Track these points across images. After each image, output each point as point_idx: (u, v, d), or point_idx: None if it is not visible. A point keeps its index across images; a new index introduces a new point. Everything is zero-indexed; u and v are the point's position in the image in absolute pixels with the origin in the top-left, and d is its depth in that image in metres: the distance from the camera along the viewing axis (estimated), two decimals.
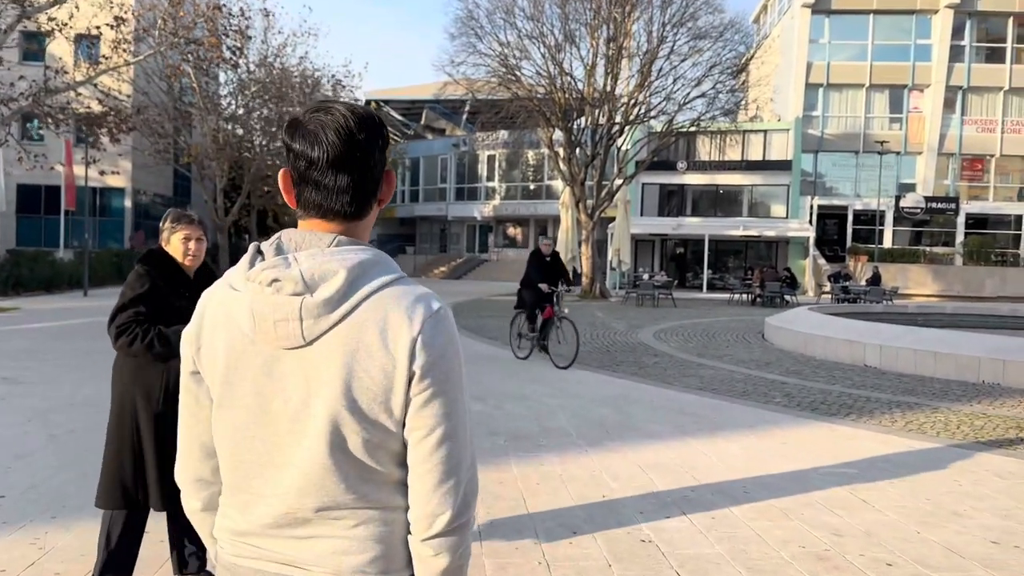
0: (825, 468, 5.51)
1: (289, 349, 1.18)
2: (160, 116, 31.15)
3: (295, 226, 1.27)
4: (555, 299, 10.51)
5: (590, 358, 11.11)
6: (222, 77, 36.81)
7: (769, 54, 39.18)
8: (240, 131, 37.40)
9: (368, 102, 48.90)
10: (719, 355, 11.84)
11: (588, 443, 6.03)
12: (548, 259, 10.85)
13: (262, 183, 36.31)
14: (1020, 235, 36.21)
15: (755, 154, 36.28)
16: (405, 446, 1.20)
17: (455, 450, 1.19)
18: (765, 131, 36.22)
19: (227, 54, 26.83)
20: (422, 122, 49.71)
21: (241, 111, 36.52)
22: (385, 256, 1.24)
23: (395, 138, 51.10)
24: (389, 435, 1.18)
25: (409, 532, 1.22)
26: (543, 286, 10.45)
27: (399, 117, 50.25)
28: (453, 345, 1.21)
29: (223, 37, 24.88)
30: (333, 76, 37.51)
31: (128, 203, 34.61)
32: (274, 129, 36.05)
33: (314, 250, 1.19)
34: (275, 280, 1.17)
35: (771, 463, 5.61)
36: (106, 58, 22.73)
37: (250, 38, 30.65)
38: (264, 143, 37.09)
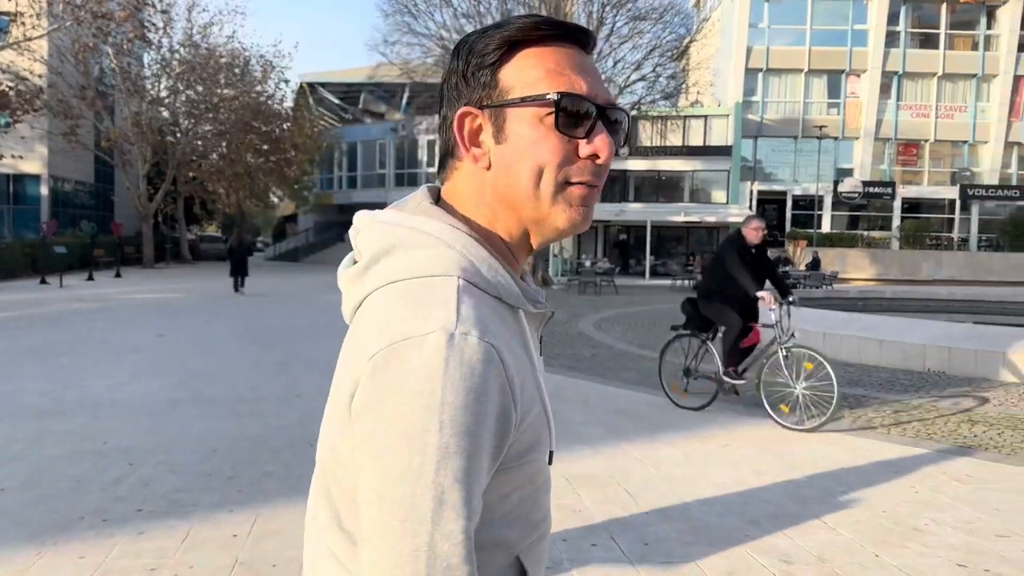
0: (771, 475, 4.99)
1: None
2: (75, 97, 29.41)
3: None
4: (780, 316, 6.50)
5: None
6: (146, 58, 35.12)
7: (710, 38, 39.11)
8: (165, 114, 35.79)
9: (303, 85, 47.49)
10: (660, 345, 11.34)
11: None
12: (754, 251, 6.88)
13: (187, 168, 34.81)
14: (954, 219, 36.92)
15: (696, 139, 36.18)
16: None
17: (385, 554, 0.76)
18: (705, 116, 36.13)
19: (143, 31, 25.37)
20: (360, 106, 48.44)
21: (165, 93, 34.90)
22: (441, 236, 0.87)
23: (332, 122, 49.82)
24: (356, 488, 0.83)
25: None
26: (764, 295, 6.44)
27: (336, 100, 48.92)
28: (414, 392, 0.76)
29: (136, 11, 23.44)
30: (262, 56, 36.05)
31: (45, 190, 32.73)
32: (199, 112, 34.55)
33: (388, 211, 0.93)
34: (352, 241, 0.95)
35: (712, 471, 5.06)
36: (5, 33, 21.20)
37: (166, 12, 29.12)
38: (190, 126, 35.54)
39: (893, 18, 35.88)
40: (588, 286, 23.62)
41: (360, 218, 0.94)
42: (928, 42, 36.58)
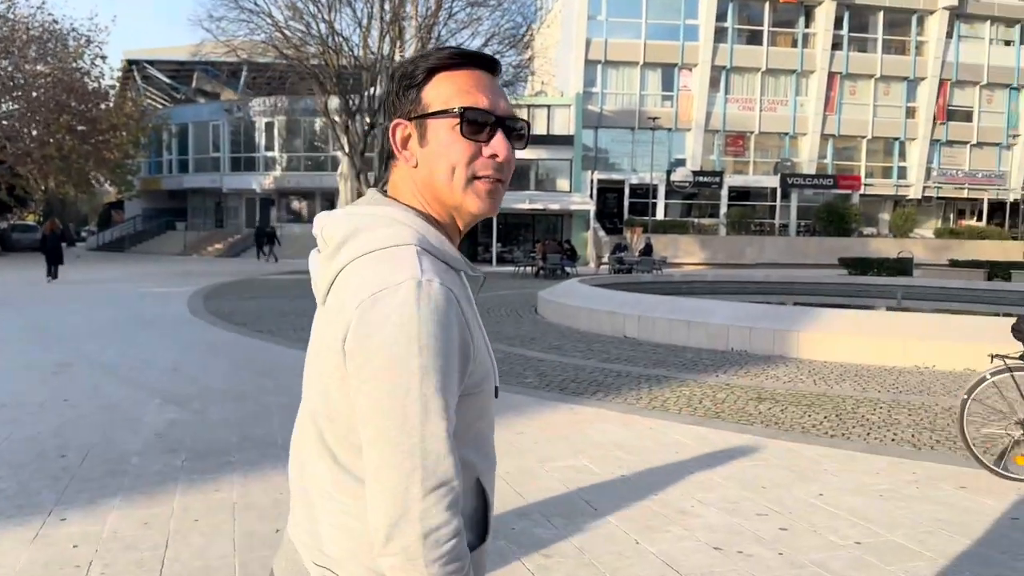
0: (556, 462, 4.91)
1: (322, 306, 1.15)
2: None
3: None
4: None
5: None
6: None
7: (552, 29, 39.70)
8: None
9: (129, 63, 44.27)
10: (487, 332, 11.25)
11: None
12: None
13: None
14: (775, 206, 39.46)
15: (539, 129, 36.63)
16: None
17: (386, 455, 1.01)
18: (548, 106, 36.65)
19: None
20: (193, 85, 45.68)
21: None
22: (396, 218, 1.11)
23: (163, 102, 46.79)
24: (350, 423, 1.08)
25: None
26: None
27: (167, 80, 45.93)
28: (396, 325, 1.00)
29: None
30: (75, 30, 33.18)
31: None
32: (5, 89, 31.36)
33: (347, 207, 1.18)
34: (317, 235, 1.18)
35: (500, 462, 4.93)
36: None
37: None
38: None
39: (722, 15, 37.74)
40: None
41: (322, 216, 1.16)
42: (753, 39, 38.76)
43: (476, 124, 1.11)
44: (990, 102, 41.24)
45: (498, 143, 1.12)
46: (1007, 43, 40.86)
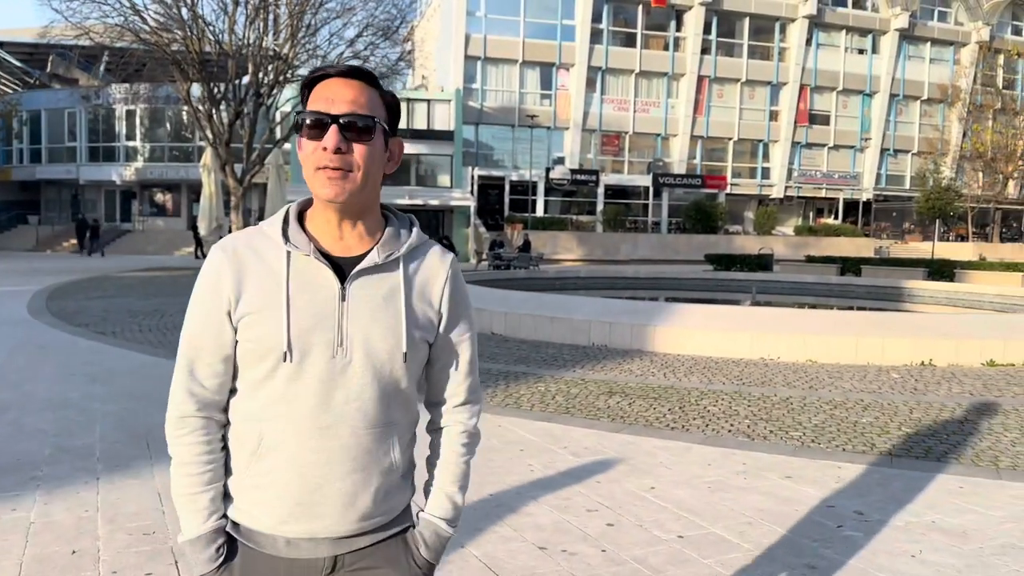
0: None
1: None
2: None
3: None
4: None
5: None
6: None
7: (432, 23, 39.40)
8: None
9: None
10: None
11: (108, 467, 4.68)
12: None
13: None
14: (648, 204, 40.72)
15: (420, 123, 36.29)
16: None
17: None
18: (429, 101, 36.34)
19: None
20: (48, 70, 42.60)
21: None
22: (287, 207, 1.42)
23: (15, 87, 43.49)
24: None
25: None
26: None
27: (18, 63, 42.63)
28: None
29: None
30: None
31: None
32: None
33: None
34: None
35: None
36: None
37: None
38: None
39: (597, 16, 38.52)
40: None
41: None
42: (628, 41, 39.77)
43: (314, 125, 1.31)
44: (845, 107, 43.97)
45: (327, 137, 1.30)
46: (860, 51, 43.67)
